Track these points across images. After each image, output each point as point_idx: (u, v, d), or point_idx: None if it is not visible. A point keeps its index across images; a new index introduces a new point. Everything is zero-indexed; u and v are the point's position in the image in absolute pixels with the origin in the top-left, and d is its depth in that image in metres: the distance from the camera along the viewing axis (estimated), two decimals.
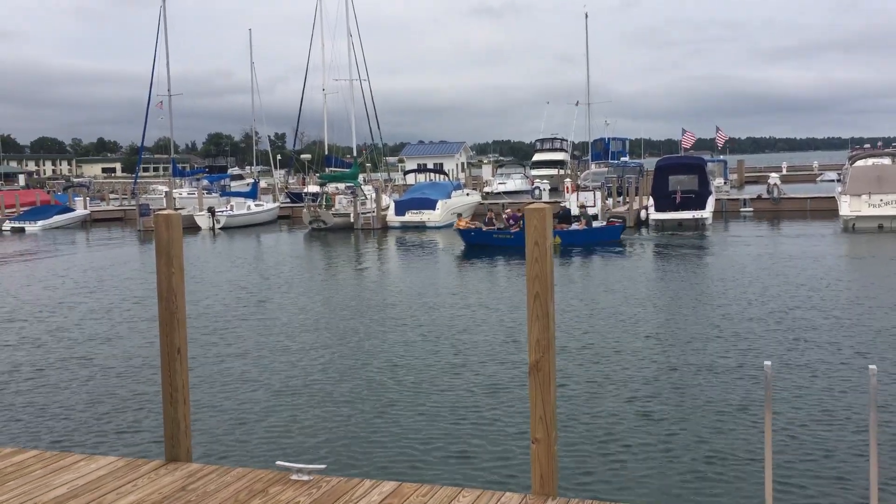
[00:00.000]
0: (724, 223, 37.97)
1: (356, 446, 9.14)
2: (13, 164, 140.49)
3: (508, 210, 34.40)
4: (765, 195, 43.85)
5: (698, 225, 35.72)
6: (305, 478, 5.56)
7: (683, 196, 36.48)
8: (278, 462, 5.85)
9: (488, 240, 29.72)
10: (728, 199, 44.50)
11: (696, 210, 36.10)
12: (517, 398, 10.67)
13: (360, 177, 47.85)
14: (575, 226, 31.08)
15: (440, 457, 8.76)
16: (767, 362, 4.73)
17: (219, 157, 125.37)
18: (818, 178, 67.35)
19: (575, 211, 34.94)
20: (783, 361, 12.14)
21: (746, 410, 9.98)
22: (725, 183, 54.05)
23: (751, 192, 50.05)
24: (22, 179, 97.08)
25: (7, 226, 46.21)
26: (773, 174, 51.25)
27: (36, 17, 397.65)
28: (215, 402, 11.00)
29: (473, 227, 31.11)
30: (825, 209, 39.73)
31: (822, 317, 15.42)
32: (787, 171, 75.39)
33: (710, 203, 37.16)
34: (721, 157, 60.96)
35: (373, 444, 9.21)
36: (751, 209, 42.64)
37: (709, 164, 43.33)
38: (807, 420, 9.58)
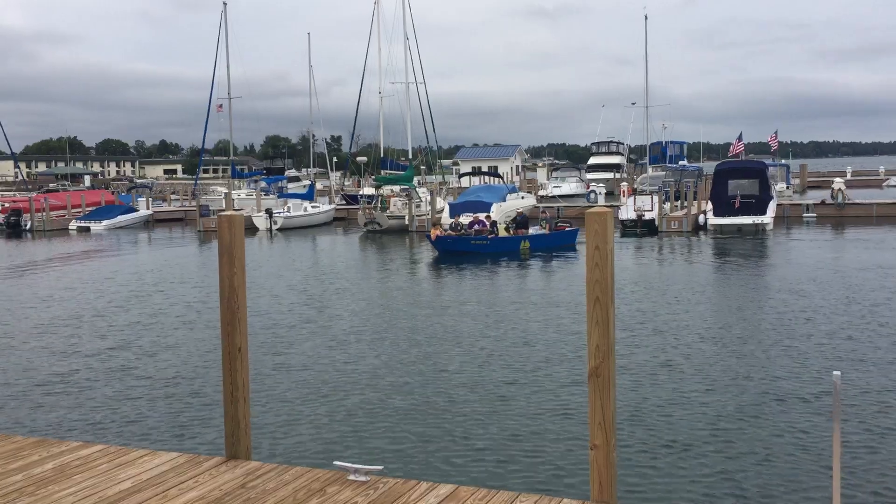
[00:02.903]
0: (786, 229, 37.11)
1: (413, 448, 9.15)
2: (79, 165, 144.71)
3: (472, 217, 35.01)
4: (829, 200, 42.75)
5: (758, 230, 34.97)
6: (363, 478, 5.57)
7: (743, 201, 35.76)
8: (336, 462, 5.88)
9: (465, 246, 29.75)
10: (790, 205, 43.50)
11: (756, 215, 35.35)
12: (576, 403, 10.56)
13: (415, 179, 48.03)
14: (534, 230, 31.38)
15: (497, 461, 8.71)
16: (837, 372, 4.59)
17: (276, 159, 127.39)
18: (885, 184, 65.43)
19: (630, 215, 34.69)
20: (852, 372, 11.78)
21: (814, 422, 9.71)
22: (788, 188, 52.86)
23: (814, 197, 48.83)
24: (88, 180, 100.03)
25: (73, 225, 47.59)
26: (838, 179, 49.89)
27: (101, 22, 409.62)
28: (275, 401, 11.14)
29: (451, 234, 31.02)
30: (892, 215, 38.54)
31: (891, 327, 14.93)
32: (851, 175, 73.25)
33: (772, 208, 36.36)
34: (783, 161, 59.62)
35: (430, 446, 9.21)
36: (814, 215, 41.60)
37: (770, 169, 42.42)
38: (877, 434, 9.28)
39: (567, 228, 32.02)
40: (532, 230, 31.31)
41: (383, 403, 10.92)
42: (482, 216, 34.15)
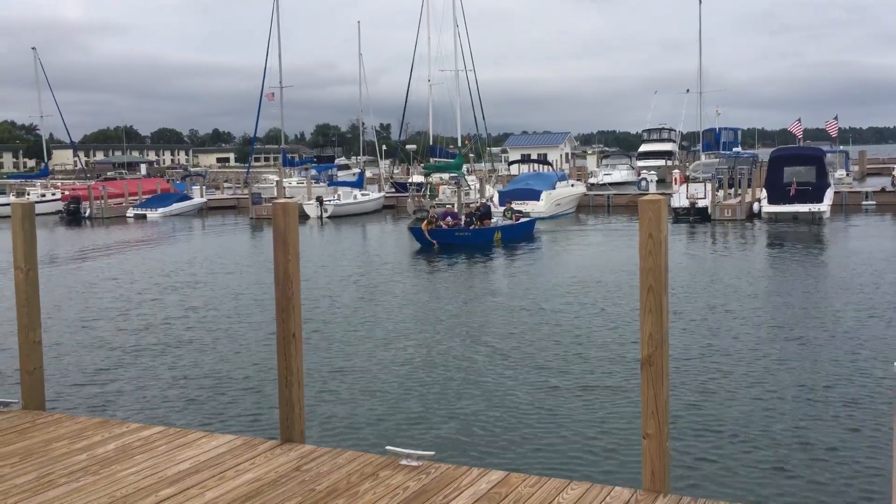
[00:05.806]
0: (844, 217, 36.21)
1: (465, 434, 9.20)
2: (135, 153, 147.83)
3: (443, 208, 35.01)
4: (889, 188, 41.62)
5: (815, 218, 34.21)
6: (414, 463, 5.63)
7: (799, 188, 35.00)
8: (388, 447, 5.95)
9: (450, 238, 29.68)
10: (849, 192, 42.41)
11: (812, 203, 34.58)
12: (628, 392, 10.50)
13: (464, 167, 47.97)
14: (497, 220, 31.67)
15: (549, 448, 8.72)
16: None
17: (326, 147, 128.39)
18: None
19: (683, 202, 34.05)
20: None
21: (872, 413, 9.51)
22: (847, 175, 51.55)
23: (874, 184, 47.53)
24: (143, 168, 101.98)
25: (130, 213, 48.68)
26: None
27: (153, 13, 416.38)
28: (328, 386, 11.29)
29: (444, 226, 30.94)
30: None
31: None
32: None
33: (829, 196, 35.52)
34: (842, 147, 58.14)
35: (482, 433, 9.25)
36: (874, 202, 40.50)
37: (828, 156, 41.43)
38: None
39: (522, 220, 32.50)
40: (495, 220, 31.81)
41: (435, 390, 11.00)
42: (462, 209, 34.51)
